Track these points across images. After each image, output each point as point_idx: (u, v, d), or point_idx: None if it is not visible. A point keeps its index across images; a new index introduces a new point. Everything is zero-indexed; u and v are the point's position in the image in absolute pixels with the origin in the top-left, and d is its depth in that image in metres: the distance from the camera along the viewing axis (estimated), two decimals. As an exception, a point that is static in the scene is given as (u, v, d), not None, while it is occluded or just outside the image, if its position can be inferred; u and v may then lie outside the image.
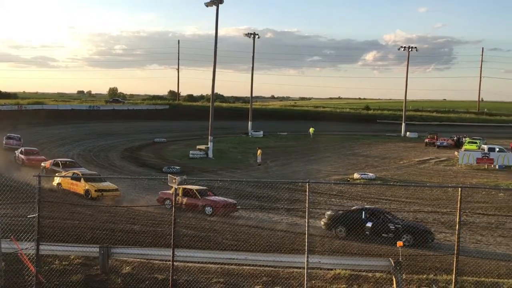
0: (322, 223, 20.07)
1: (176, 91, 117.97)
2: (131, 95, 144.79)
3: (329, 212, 20.42)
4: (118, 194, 26.15)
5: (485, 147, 46.31)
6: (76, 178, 26.27)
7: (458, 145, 56.89)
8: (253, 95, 76.08)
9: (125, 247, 13.09)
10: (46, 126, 61.78)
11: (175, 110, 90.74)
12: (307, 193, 10.28)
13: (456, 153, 47.36)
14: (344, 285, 10.86)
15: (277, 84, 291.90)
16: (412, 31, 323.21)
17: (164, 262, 11.75)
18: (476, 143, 53.37)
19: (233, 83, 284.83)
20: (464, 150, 46.89)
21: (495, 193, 29.66)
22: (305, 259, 10.15)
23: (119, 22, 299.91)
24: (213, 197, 23.96)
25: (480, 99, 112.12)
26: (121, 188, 26.94)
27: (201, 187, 24.37)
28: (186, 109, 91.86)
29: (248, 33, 70.20)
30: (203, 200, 23.41)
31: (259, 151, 43.01)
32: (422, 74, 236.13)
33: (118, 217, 20.78)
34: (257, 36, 70.21)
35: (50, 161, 33.05)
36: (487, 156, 42.77)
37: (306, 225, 10.28)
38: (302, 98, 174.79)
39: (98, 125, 66.93)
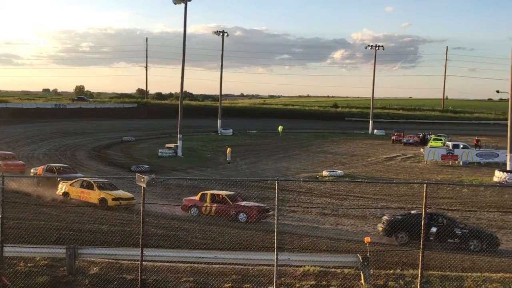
0: (380, 228, 19.20)
1: (145, 89, 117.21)
2: (99, 93, 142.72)
3: (386, 217, 19.48)
4: (134, 202, 24.02)
5: (450, 144, 47.24)
6: (87, 186, 24.32)
7: (423, 142, 57.91)
8: (222, 93, 75.97)
9: (93, 248, 12.92)
10: (10, 125, 60.25)
11: (144, 108, 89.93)
12: (276, 191, 10.33)
13: (422, 150, 48.23)
14: (313, 282, 10.94)
15: (246, 82, 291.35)
16: (379, 30, 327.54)
17: (133, 262, 11.64)
18: (441, 140, 54.57)
19: (202, 81, 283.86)
20: (430, 147, 47.73)
21: (459, 189, 30.41)
22: (275, 257, 10.20)
23: (85, 19, 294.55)
24: (245, 202, 22.60)
25: (445, 97, 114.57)
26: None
27: (230, 192, 23.18)
28: (154, 107, 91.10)
29: (217, 31, 70.01)
30: (235, 206, 21.94)
31: (228, 149, 43.00)
32: (389, 72, 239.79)
33: (85, 217, 20.47)
34: (226, 34, 69.99)
35: (43, 166, 30.59)
36: (452, 153, 43.72)
37: (276, 222, 10.35)
38: (271, 96, 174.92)
39: (64, 124, 65.66)
